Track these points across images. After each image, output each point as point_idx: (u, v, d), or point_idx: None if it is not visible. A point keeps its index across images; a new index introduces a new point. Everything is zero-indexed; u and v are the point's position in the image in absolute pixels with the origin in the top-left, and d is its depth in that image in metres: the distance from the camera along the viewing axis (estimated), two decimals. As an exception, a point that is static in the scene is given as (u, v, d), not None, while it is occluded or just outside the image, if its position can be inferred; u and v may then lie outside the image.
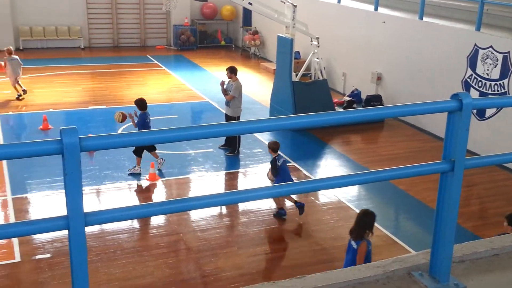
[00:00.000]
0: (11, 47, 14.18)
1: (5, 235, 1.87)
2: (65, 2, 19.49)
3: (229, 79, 10.77)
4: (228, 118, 10.93)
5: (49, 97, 13.99)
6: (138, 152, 9.73)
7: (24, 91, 13.75)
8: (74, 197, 1.74)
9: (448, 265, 2.37)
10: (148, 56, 19.50)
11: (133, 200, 9.05)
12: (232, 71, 10.75)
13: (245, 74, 16.68)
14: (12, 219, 8.09)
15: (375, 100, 13.62)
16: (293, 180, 8.46)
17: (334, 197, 9.29)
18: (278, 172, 8.26)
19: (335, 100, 13.77)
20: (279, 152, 8.45)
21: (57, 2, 19.37)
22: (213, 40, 21.70)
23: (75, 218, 1.75)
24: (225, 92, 10.74)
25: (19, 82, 13.73)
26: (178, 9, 17.25)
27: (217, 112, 13.53)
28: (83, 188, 1.85)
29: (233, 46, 21.89)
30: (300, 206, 8.52)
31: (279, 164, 8.28)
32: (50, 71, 16.27)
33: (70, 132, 1.65)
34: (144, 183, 9.58)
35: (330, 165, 11.12)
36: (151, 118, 9.85)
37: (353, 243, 5.71)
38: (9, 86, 14.10)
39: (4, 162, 9.65)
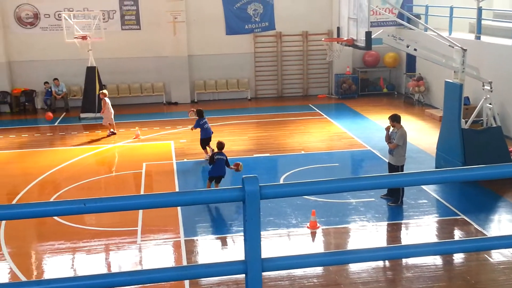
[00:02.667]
0: (105, 91, 16.40)
1: (187, 276, 2.00)
2: (235, 57, 21.01)
3: (393, 127, 10.54)
4: (391, 167, 10.64)
5: (218, 145, 15.00)
6: (203, 145, 13.63)
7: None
8: (253, 243, 1.81)
9: None
10: (310, 105, 19.98)
11: (295, 247, 9.13)
12: (395, 119, 10.52)
13: (408, 122, 16.19)
14: (184, 260, 8.66)
15: (559, 148, 12.23)
16: (224, 170, 11.11)
17: (511, 255, 8.40)
18: (214, 162, 11.05)
19: (511, 149, 12.66)
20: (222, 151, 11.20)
21: (228, 57, 20.95)
22: (374, 88, 21.55)
23: (253, 263, 1.81)
24: (388, 140, 10.51)
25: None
26: (340, 58, 17.52)
27: (379, 160, 13.25)
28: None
29: (396, 93, 21.49)
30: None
31: (215, 157, 11.07)
32: (220, 121, 17.47)
33: (252, 180, 1.74)
34: (305, 230, 9.64)
35: (504, 220, 10.14)
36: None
37: None
38: (185, 135, 15.45)
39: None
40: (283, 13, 20.80)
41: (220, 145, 11.35)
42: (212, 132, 13.74)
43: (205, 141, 13.65)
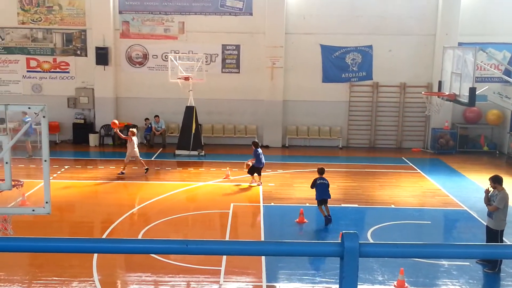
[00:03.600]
0: (134, 130, 16.60)
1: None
2: (329, 105, 21.01)
3: (493, 189, 9.96)
4: (489, 231, 9.99)
5: (306, 192, 14.86)
6: (251, 172, 15.15)
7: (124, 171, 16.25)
8: (348, 303, 1.74)
9: None
10: (403, 158, 19.41)
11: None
12: (496, 181, 9.96)
13: (511, 184, 15.20)
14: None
15: None
16: (327, 194, 12.10)
17: None
18: (314, 186, 12.14)
19: None
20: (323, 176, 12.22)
21: (322, 104, 21.01)
22: (474, 145, 20.56)
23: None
24: (488, 201, 9.91)
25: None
26: (440, 113, 16.97)
27: (476, 222, 12.48)
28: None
29: (497, 152, 20.35)
30: (327, 219, 11.97)
31: (317, 182, 12.07)
32: (309, 168, 17.38)
33: (352, 236, 1.69)
34: (392, 289, 9.20)
35: None
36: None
37: None
38: (274, 179, 15.52)
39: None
40: (382, 63, 20.67)
41: (321, 170, 12.35)
42: (264, 163, 15.21)
43: (254, 169, 15.19)
